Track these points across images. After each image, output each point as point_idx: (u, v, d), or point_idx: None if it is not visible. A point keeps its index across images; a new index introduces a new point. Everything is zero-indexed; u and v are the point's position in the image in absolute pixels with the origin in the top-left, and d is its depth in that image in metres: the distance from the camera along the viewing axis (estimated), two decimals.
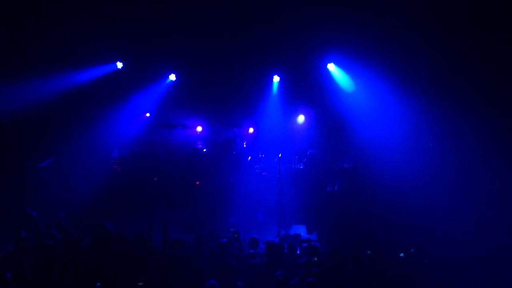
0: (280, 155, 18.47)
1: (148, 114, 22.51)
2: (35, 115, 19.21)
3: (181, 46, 19.87)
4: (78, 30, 18.91)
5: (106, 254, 12.38)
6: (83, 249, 12.97)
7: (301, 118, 21.71)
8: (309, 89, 20.68)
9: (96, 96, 20.68)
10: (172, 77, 21.57)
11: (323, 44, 19.36)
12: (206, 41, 19.64)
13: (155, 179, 20.51)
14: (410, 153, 17.93)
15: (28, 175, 18.98)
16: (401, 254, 12.89)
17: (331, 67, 20.15)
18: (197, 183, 20.04)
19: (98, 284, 11.33)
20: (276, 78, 21.14)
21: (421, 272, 12.15)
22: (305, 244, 14.25)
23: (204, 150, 21.59)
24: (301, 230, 17.45)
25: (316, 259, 12.51)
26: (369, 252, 12.93)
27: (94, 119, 20.42)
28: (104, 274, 11.58)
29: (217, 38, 19.56)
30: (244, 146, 21.45)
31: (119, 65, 21.02)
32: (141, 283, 11.44)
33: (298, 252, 13.85)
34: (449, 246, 13.42)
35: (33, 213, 14.44)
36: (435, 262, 12.46)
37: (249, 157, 20.81)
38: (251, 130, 22.01)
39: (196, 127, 22.32)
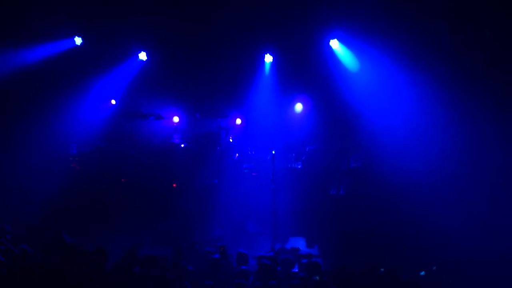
0: (273, 152, 18.40)
1: (113, 101, 22.34)
2: None
3: (153, 18, 19.64)
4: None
5: (62, 271, 12.28)
6: (35, 265, 12.84)
7: (298, 107, 21.70)
8: (308, 71, 20.56)
9: (50, 79, 20.41)
10: (142, 56, 21.40)
11: (324, 16, 19.21)
12: (183, 11, 19.41)
13: (123, 180, 20.46)
14: (428, 147, 17.89)
15: None
16: (422, 273, 12.88)
17: (334, 44, 20.06)
18: (174, 185, 19.98)
19: None
20: (268, 58, 21.01)
21: None
22: (304, 260, 14.21)
23: (182, 145, 21.52)
24: (299, 243, 17.42)
25: (317, 278, 12.47)
26: (382, 270, 12.90)
27: (48, 107, 20.15)
28: None
29: (195, 7, 19.33)
30: (230, 140, 21.41)
31: (78, 40, 20.74)
32: None
33: (296, 270, 13.81)
34: (479, 263, 13.42)
35: None
36: (461, 283, 12.48)
37: (236, 154, 20.78)
38: (238, 121, 21.99)
39: (172, 118, 22.24)
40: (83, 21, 20.04)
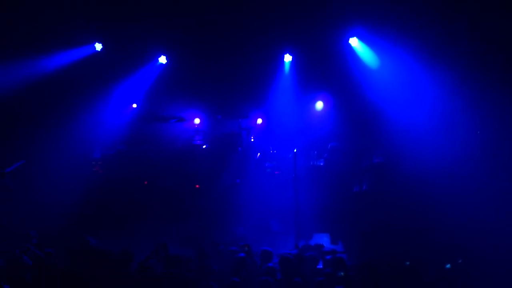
0: (295, 150, 18.36)
1: (135, 105, 22.48)
2: None
3: (172, 21, 19.75)
4: (48, 5, 18.80)
5: (87, 274, 12.31)
6: (60, 268, 12.90)
7: (319, 105, 21.66)
8: (328, 69, 20.57)
9: (71, 85, 20.71)
10: (162, 59, 21.48)
11: (343, 13, 19.17)
12: (202, 14, 19.49)
13: (145, 183, 20.53)
14: (452, 142, 17.78)
15: None
16: (448, 266, 12.75)
17: (354, 42, 19.98)
18: (197, 186, 19.98)
19: None
20: (288, 58, 21.00)
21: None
22: (328, 257, 14.14)
23: (204, 146, 21.55)
24: (323, 240, 17.36)
25: (342, 274, 12.38)
26: (407, 263, 12.79)
27: (70, 112, 20.43)
28: None
29: (215, 10, 19.40)
30: (252, 140, 21.40)
31: (98, 46, 20.94)
32: None
33: (320, 267, 13.72)
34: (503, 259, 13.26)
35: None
36: (490, 276, 12.33)
37: (258, 154, 20.75)
38: (259, 121, 22.00)
39: (193, 120, 22.28)
40: (103, 27, 20.25)
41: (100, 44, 20.92)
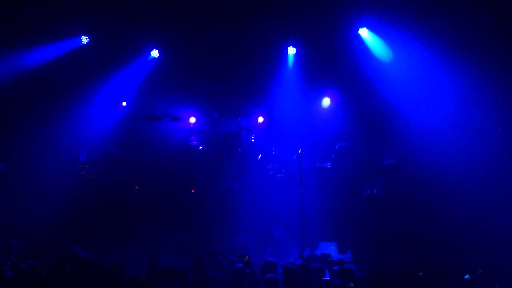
0: (299, 151, 18.41)
1: (124, 103, 22.49)
2: None
3: (165, 11, 19.77)
4: None
5: (74, 286, 12.38)
6: (45, 280, 12.96)
7: (326, 102, 21.69)
8: (335, 62, 20.57)
9: (55, 81, 20.70)
10: (155, 53, 21.54)
11: (352, 2, 19.22)
12: (198, 4, 19.53)
13: (137, 187, 20.54)
14: (472, 143, 17.80)
15: None
16: (466, 276, 12.79)
17: (364, 32, 20.04)
18: (192, 191, 20.01)
19: None
20: (291, 50, 21.07)
21: None
22: (336, 267, 14.17)
23: (200, 148, 21.58)
24: (330, 249, 17.38)
25: (351, 285, 12.44)
26: (421, 274, 12.84)
27: (55, 111, 20.41)
28: None
29: (212, 0, 19.49)
30: (252, 140, 21.42)
31: (85, 39, 20.97)
32: None
33: (327, 278, 13.78)
34: None
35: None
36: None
37: (259, 155, 20.78)
38: (260, 119, 22.01)
39: (188, 118, 22.32)
40: (89, 18, 20.19)
41: (87, 37, 20.94)
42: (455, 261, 14.10)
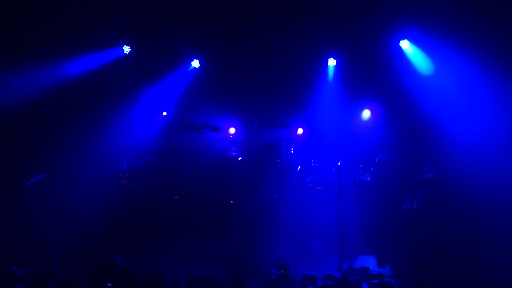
0: (339, 164, 18.34)
1: (165, 113, 22.62)
2: (19, 116, 19.43)
3: (206, 22, 19.86)
4: (73, 6, 19.06)
5: None
6: None
7: (366, 114, 21.62)
8: (376, 74, 20.51)
9: (97, 91, 20.89)
10: (195, 63, 21.65)
11: (393, 14, 19.12)
12: (237, 14, 19.59)
13: (176, 197, 20.56)
14: None
15: (10, 196, 19.20)
16: None
17: (405, 45, 19.95)
18: (231, 202, 20.02)
19: None
20: (332, 62, 21.03)
21: None
22: (375, 281, 14.08)
23: (239, 158, 21.61)
24: (369, 262, 17.28)
25: None
26: None
27: (96, 120, 20.61)
28: None
29: (252, 10, 19.49)
30: (292, 152, 21.38)
31: (126, 49, 21.18)
32: None
33: None
34: None
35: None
36: None
37: (299, 167, 20.74)
38: (300, 131, 21.97)
39: (228, 129, 22.37)
40: (131, 28, 20.37)
41: (129, 47, 21.15)
42: (495, 278, 13.95)
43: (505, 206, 16.43)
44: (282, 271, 13.62)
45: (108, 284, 11.77)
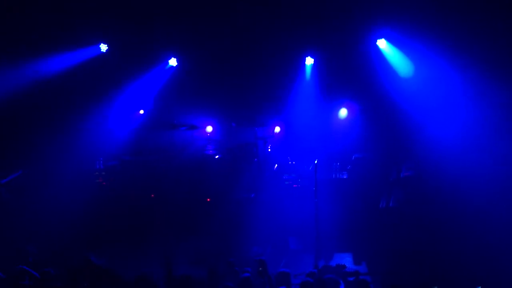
0: (316, 162, 18.37)
1: (142, 111, 22.57)
2: None
3: (184, 20, 19.86)
4: (49, 3, 18.98)
5: None
6: None
7: (343, 112, 21.69)
8: (353, 73, 20.59)
9: (73, 89, 20.84)
10: (173, 62, 21.62)
11: (370, 13, 19.21)
12: (216, 13, 19.59)
13: (152, 196, 20.51)
14: (491, 156, 17.71)
15: None
16: None
17: (382, 44, 20.03)
18: (208, 200, 20.00)
19: None
20: (309, 60, 21.08)
21: None
22: (351, 278, 14.16)
23: (216, 157, 21.60)
24: (345, 260, 17.31)
25: None
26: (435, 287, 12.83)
27: (72, 118, 20.55)
28: None
29: (230, 9, 19.50)
30: (269, 150, 21.40)
31: (103, 47, 21.11)
32: None
33: None
34: None
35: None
36: None
37: (276, 165, 20.77)
38: (277, 129, 21.99)
39: (205, 127, 22.37)
40: (108, 26, 20.30)
41: (106, 45, 21.09)
42: (470, 275, 14.05)
43: (482, 204, 16.49)
44: (260, 268, 13.66)
45: None
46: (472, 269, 14.50)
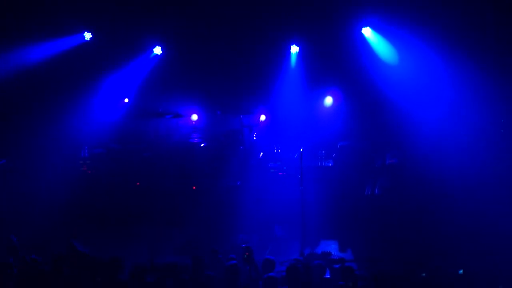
0: (301, 150, 18.32)
1: (126, 100, 22.47)
2: None
3: (168, 8, 19.75)
4: None
5: (74, 281, 12.33)
6: (45, 275, 12.92)
7: (328, 100, 21.68)
8: (338, 61, 20.58)
9: (58, 77, 20.70)
10: (157, 50, 21.52)
11: (356, 1, 19.15)
12: (201, 1, 19.50)
13: (138, 184, 20.44)
14: (475, 143, 17.78)
15: None
16: (460, 271, 12.74)
17: (367, 32, 20.00)
18: (193, 188, 19.95)
19: None
20: (294, 49, 21.02)
21: None
22: (337, 265, 14.11)
23: (202, 145, 21.53)
24: (331, 247, 17.29)
25: (351, 284, 12.37)
26: (423, 275, 12.78)
27: (56, 107, 20.39)
28: None
29: None
30: (254, 138, 21.36)
31: (87, 36, 20.97)
32: None
33: (328, 276, 13.73)
34: None
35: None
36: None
37: (261, 153, 20.73)
38: (262, 117, 21.96)
39: (190, 116, 22.28)
40: (92, 14, 20.18)
41: (90, 33, 20.96)
42: (455, 261, 14.04)
43: (466, 190, 16.53)
44: (246, 255, 13.58)
45: None
46: (457, 259, 14.48)
